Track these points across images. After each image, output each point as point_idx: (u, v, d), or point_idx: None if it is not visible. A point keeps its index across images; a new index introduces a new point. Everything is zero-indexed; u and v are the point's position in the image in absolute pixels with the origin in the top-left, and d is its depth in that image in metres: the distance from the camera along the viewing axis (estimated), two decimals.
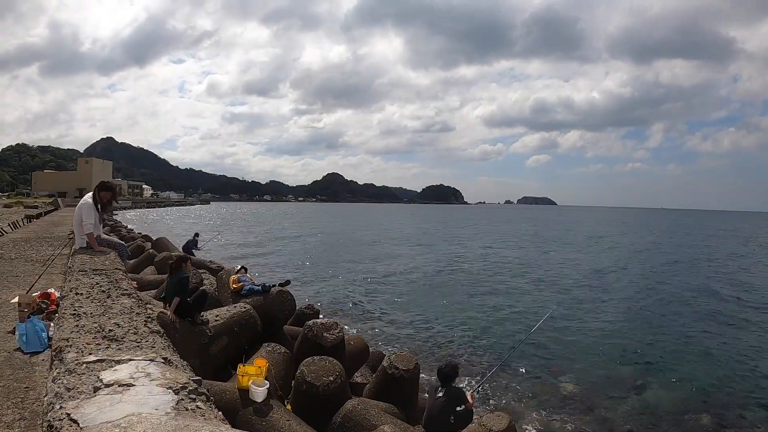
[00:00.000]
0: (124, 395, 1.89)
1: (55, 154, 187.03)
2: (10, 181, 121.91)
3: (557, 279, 20.29)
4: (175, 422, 1.67)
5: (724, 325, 12.81)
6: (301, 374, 4.79)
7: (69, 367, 2.21)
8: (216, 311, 5.82)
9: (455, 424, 4.56)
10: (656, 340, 11.24)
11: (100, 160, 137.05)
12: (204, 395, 2.03)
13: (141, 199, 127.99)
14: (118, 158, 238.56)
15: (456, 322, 12.38)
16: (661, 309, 14.61)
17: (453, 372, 4.87)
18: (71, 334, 2.71)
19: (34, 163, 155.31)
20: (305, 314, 8.21)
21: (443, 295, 15.98)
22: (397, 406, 5.26)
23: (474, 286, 18.13)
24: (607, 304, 15.16)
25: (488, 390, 7.71)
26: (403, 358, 5.61)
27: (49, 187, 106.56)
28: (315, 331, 5.94)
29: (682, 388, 8.24)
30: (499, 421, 4.46)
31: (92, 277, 4.40)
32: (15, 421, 2.58)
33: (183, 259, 5.61)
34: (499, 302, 15.10)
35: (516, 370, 8.74)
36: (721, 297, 16.80)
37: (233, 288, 7.07)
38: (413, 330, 11.59)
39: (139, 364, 2.25)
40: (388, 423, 4.50)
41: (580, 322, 12.74)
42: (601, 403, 7.50)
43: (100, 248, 6.11)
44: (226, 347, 5.43)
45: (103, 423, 1.67)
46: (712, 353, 10.21)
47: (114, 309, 3.34)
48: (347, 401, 4.77)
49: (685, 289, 18.17)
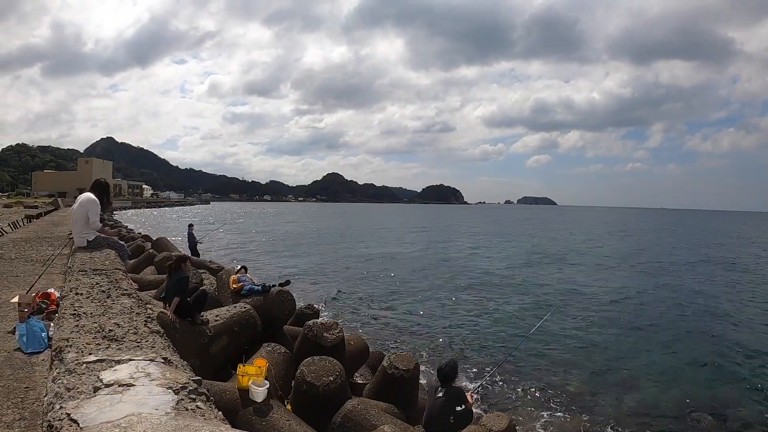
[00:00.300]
0: (124, 395, 1.89)
1: (55, 154, 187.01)
2: (10, 181, 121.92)
3: (555, 280, 20.30)
4: (175, 422, 1.67)
5: (723, 323, 12.81)
6: (301, 374, 4.79)
7: (69, 367, 2.21)
8: (216, 311, 5.82)
9: (455, 424, 4.56)
10: (654, 339, 11.26)
11: (100, 160, 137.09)
12: (204, 395, 2.03)
13: (141, 199, 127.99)
14: (118, 158, 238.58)
15: (456, 323, 12.38)
16: (660, 309, 14.61)
17: (453, 372, 4.88)
18: (71, 334, 2.70)
19: (34, 163, 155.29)
20: (305, 314, 8.21)
21: (443, 296, 15.99)
22: (397, 406, 5.26)
23: (472, 286, 18.13)
24: (606, 305, 15.16)
25: (488, 390, 7.72)
26: (403, 358, 5.61)
27: (49, 187, 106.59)
28: (315, 331, 5.94)
29: (681, 387, 8.24)
30: (499, 421, 4.46)
31: (92, 277, 4.39)
32: (15, 421, 2.58)
33: (182, 259, 5.61)
34: (498, 303, 15.11)
35: (516, 371, 8.74)
36: (720, 296, 16.81)
37: (233, 288, 7.06)
38: (413, 330, 11.60)
39: (139, 364, 2.24)
40: (388, 423, 4.50)
41: (578, 322, 12.74)
42: (600, 403, 7.51)
43: (111, 232, 6.20)
44: (226, 347, 5.42)
45: (103, 423, 1.66)
46: (712, 352, 10.21)
47: (114, 309, 3.34)
48: (347, 401, 4.76)
49: (684, 289, 18.18)
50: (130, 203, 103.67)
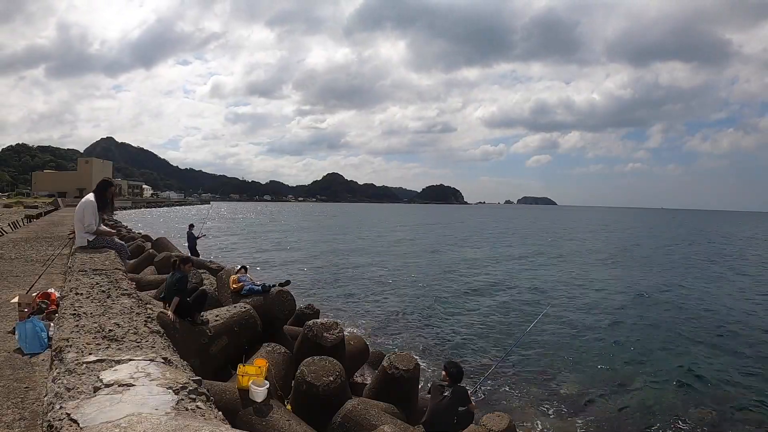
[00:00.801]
0: (124, 395, 1.89)
1: (55, 154, 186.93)
2: (10, 181, 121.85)
3: (550, 279, 20.33)
4: (175, 422, 1.67)
5: (722, 322, 12.80)
6: (301, 374, 4.79)
7: (69, 367, 2.21)
8: (216, 311, 5.82)
9: (457, 424, 4.56)
10: (653, 337, 11.25)
11: (100, 160, 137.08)
12: (204, 395, 2.03)
13: (141, 199, 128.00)
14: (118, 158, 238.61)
15: (455, 323, 12.39)
16: (656, 307, 14.62)
17: (460, 372, 4.88)
18: (71, 334, 2.70)
19: (34, 163, 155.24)
20: (305, 314, 8.22)
21: (443, 296, 15.98)
22: (397, 406, 5.26)
23: (471, 286, 18.11)
24: (599, 303, 15.23)
25: (487, 390, 7.71)
26: (403, 358, 5.61)
27: (49, 187, 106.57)
28: (315, 331, 5.94)
29: (680, 386, 8.24)
30: (499, 421, 4.46)
31: (92, 277, 4.39)
32: (15, 421, 2.58)
33: (185, 260, 5.61)
34: (496, 302, 15.10)
35: (514, 370, 8.75)
36: (719, 295, 16.81)
37: (233, 288, 7.07)
38: (413, 330, 11.60)
39: (139, 364, 2.24)
40: (388, 423, 4.50)
41: (573, 321, 12.77)
42: (599, 402, 7.51)
43: (106, 230, 6.21)
44: (226, 347, 5.43)
45: (103, 423, 1.67)
46: (710, 351, 10.21)
47: (114, 309, 3.34)
48: (347, 401, 4.77)
49: (681, 287, 18.18)
50: (130, 203, 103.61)
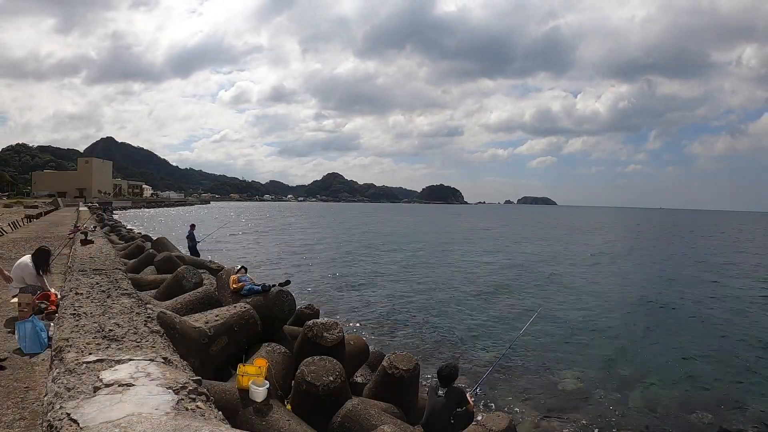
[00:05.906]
0: (124, 395, 1.89)
1: (55, 153, 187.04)
2: (10, 181, 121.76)
3: (544, 277, 20.37)
4: (175, 422, 1.67)
5: (721, 320, 12.81)
6: (301, 374, 4.78)
7: (69, 367, 2.21)
8: (216, 311, 5.82)
9: (455, 425, 4.56)
10: (651, 337, 11.26)
11: (100, 160, 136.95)
12: (204, 395, 2.03)
13: (141, 199, 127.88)
14: (118, 158, 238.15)
15: (455, 322, 12.38)
16: (653, 305, 14.64)
17: (454, 372, 4.87)
18: (71, 334, 2.71)
19: (34, 163, 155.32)
20: (305, 314, 8.20)
21: (443, 296, 15.99)
22: (397, 406, 5.26)
23: (471, 286, 18.11)
24: (591, 301, 15.30)
25: (487, 390, 7.71)
26: (403, 358, 5.61)
27: (49, 187, 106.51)
28: (315, 331, 5.93)
29: (678, 384, 8.25)
30: (499, 421, 4.45)
31: (92, 277, 4.39)
32: (15, 421, 2.58)
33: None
34: (496, 302, 15.11)
35: (513, 370, 8.75)
36: (718, 294, 16.80)
37: (233, 288, 7.06)
38: (413, 330, 11.59)
39: (139, 364, 2.25)
40: (388, 423, 4.50)
41: (568, 319, 12.82)
42: (599, 401, 7.50)
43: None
44: (226, 347, 5.42)
45: (103, 423, 1.67)
46: (709, 349, 10.22)
47: (114, 309, 3.34)
48: (347, 401, 4.76)
49: (678, 285, 18.18)
50: (130, 203, 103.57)
